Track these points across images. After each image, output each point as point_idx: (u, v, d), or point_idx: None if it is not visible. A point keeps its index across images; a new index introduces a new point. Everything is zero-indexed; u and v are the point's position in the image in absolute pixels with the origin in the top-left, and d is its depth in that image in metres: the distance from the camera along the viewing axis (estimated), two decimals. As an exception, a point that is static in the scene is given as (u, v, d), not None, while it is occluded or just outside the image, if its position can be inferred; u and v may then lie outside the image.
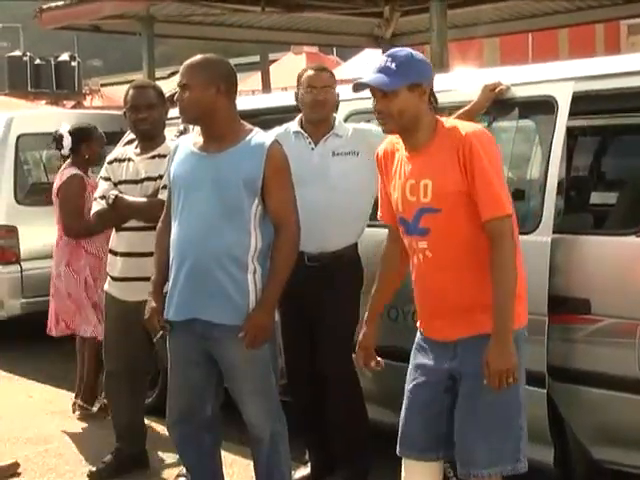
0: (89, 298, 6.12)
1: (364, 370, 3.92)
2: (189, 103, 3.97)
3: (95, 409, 6.17)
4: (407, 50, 3.54)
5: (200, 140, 4.08)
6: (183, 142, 4.20)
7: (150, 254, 4.33)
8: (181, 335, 4.07)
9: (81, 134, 6.25)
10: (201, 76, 3.96)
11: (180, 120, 4.64)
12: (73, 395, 6.37)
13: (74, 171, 6.08)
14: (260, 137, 4.03)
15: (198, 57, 4.05)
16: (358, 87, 3.59)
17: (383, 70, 3.49)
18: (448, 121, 3.59)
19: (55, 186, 6.15)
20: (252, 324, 3.90)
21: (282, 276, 3.99)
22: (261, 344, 3.93)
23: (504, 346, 3.36)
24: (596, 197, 6.19)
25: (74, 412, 6.21)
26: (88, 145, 6.20)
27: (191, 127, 5.19)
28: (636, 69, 4.11)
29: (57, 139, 6.29)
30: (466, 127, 3.49)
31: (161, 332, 4.18)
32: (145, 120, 4.90)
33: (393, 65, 3.47)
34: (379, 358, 3.88)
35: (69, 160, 6.25)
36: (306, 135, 4.75)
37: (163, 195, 4.68)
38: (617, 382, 3.97)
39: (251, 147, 3.98)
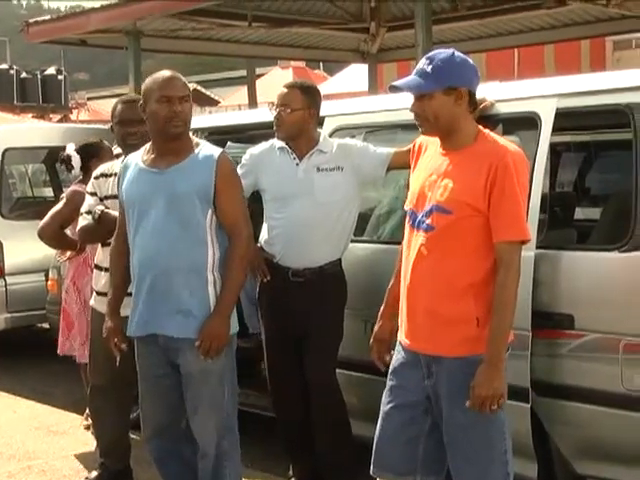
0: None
1: (378, 364, 3.88)
2: (187, 115, 4.08)
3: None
4: (447, 52, 3.50)
5: (149, 157, 4.14)
6: (131, 160, 4.24)
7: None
8: (146, 351, 4.12)
9: (89, 151, 6.10)
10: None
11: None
12: (78, 416, 6.30)
13: (80, 188, 5.93)
14: (208, 149, 4.11)
15: (173, 73, 4.14)
16: (393, 89, 3.58)
17: (419, 72, 3.49)
18: (491, 133, 3.57)
19: None
20: (206, 333, 3.92)
21: (236, 284, 4.02)
22: (216, 353, 3.94)
23: (495, 372, 3.35)
24: (579, 212, 6.21)
25: (88, 429, 6.07)
26: (98, 160, 5.88)
27: None
28: (619, 86, 4.12)
29: (65, 161, 6.15)
30: (506, 145, 3.47)
31: (119, 353, 4.23)
32: (133, 135, 4.89)
33: (429, 68, 3.46)
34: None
35: (80, 178, 6.05)
36: (291, 151, 4.76)
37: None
38: (601, 397, 3.98)
39: (200, 159, 4.05)
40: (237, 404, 4.21)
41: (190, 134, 4.18)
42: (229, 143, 5.86)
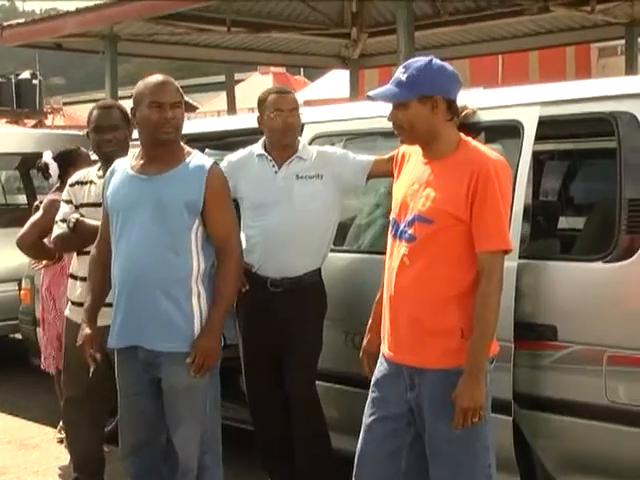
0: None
1: (370, 376, 3.85)
2: (179, 122, 4.06)
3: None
4: (424, 60, 3.51)
5: (138, 162, 4.11)
6: (119, 165, 4.21)
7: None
8: (126, 363, 4.08)
9: (67, 158, 6.02)
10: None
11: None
12: (51, 429, 6.27)
13: (57, 197, 5.89)
14: (200, 159, 4.08)
15: (165, 77, 4.11)
16: (369, 99, 3.61)
17: (395, 81, 3.50)
18: (473, 142, 3.58)
19: None
20: (200, 350, 3.91)
21: (227, 300, 4.03)
22: (208, 370, 3.95)
23: (475, 383, 3.36)
24: (563, 222, 6.24)
25: (61, 442, 6.05)
26: (76, 168, 5.72)
27: None
28: (603, 94, 4.14)
29: (42, 169, 6.08)
30: (488, 153, 3.49)
31: (94, 364, 4.19)
32: (109, 142, 4.88)
33: (404, 76, 3.47)
34: None
35: (57, 186, 5.99)
36: (270, 158, 4.76)
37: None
38: (584, 409, 3.99)
39: (191, 169, 4.03)
40: (220, 419, 4.19)
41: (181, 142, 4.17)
42: (207, 150, 5.86)
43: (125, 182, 4.11)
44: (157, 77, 4.09)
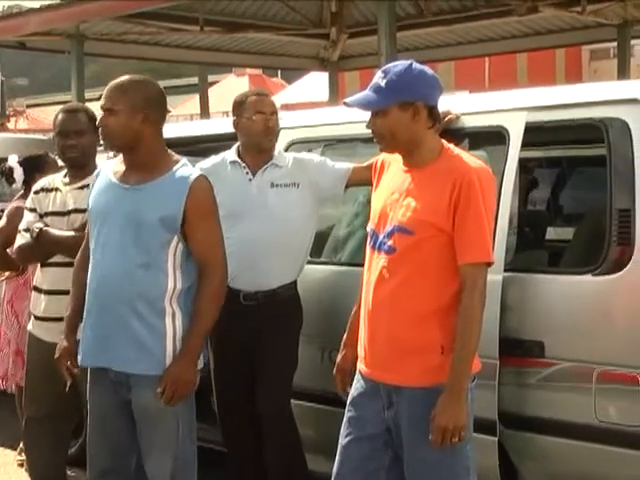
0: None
1: (342, 396, 3.86)
2: (113, 130, 3.92)
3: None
4: (404, 64, 3.51)
5: (122, 169, 4.03)
6: (105, 168, 4.14)
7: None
8: (97, 382, 4.03)
9: (33, 163, 5.98)
10: (127, 101, 3.90)
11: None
12: (11, 451, 6.23)
13: (22, 204, 5.87)
14: (184, 171, 3.95)
15: (124, 78, 3.99)
16: (346, 106, 3.61)
17: (373, 87, 3.51)
18: (455, 149, 3.59)
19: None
20: (171, 379, 3.82)
21: (205, 325, 3.93)
22: (180, 400, 3.86)
23: (456, 402, 3.37)
24: (550, 233, 6.26)
25: (22, 466, 5.97)
26: (42, 174, 5.67)
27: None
28: (593, 99, 4.17)
29: (6, 173, 6.04)
30: (471, 162, 3.50)
31: (70, 378, 4.16)
32: (74, 147, 4.86)
33: (383, 82, 3.47)
34: None
35: (21, 192, 5.96)
36: (244, 165, 4.76)
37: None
38: (573, 430, 4.00)
39: (173, 182, 3.91)
40: (196, 443, 4.12)
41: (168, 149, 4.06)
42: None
43: (106, 189, 4.03)
44: (120, 78, 4.01)
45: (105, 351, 3.94)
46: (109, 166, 4.13)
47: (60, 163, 5.50)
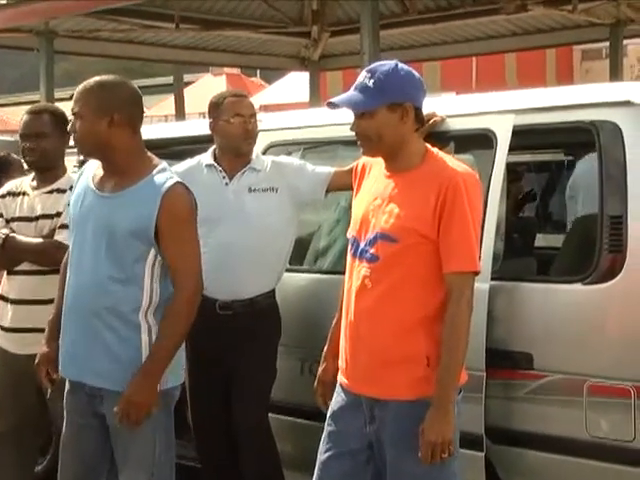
0: None
1: (324, 409, 3.85)
2: (80, 135, 3.88)
3: None
4: (390, 64, 3.52)
5: (100, 173, 3.97)
6: (88, 168, 4.07)
7: (44, 302, 4.29)
8: (73, 395, 4.00)
9: None
10: (94, 104, 3.84)
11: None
12: None
13: None
14: (160, 177, 3.86)
15: (92, 80, 3.93)
16: (331, 106, 3.60)
17: (359, 87, 3.50)
18: (440, 153, 3.59)
19: None
20: (126, 398, 3.76)
21: (171, 343, 3.84)
22: (137, 423, 3.79)
23: (443, 416, 3.37)
24: (539, 240, 6.29)
25: None
26: (7, 176, 5.78)
27: None
28: (583, 102, 4.18)
29: None
30: (456, 166, 3.50)
31: (50, 385, 4.13)
32: (32, 150, 4.82)
33: (370, 82, 3.47)
34: None
35: None
36: (220, 169, 4.76)
37: (60, 235, 4.64)
38: (563, 445, 4.00)
39: (147, 190, 3.83)
40: (174, 461, 4.08)
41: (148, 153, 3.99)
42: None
43: (84, 194, 3.97)
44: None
45: (80, 365, 3.91)
46: (92, 167, 4.05)
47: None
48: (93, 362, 3.87)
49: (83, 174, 4.07)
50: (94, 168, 4.03)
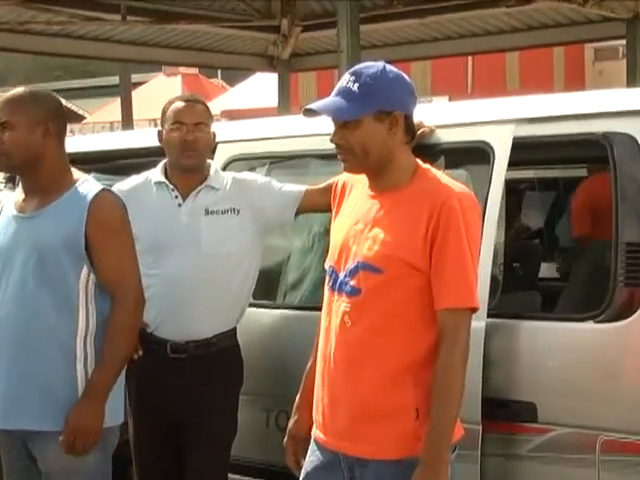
0: None
1: (294, 469, 3.84)
2: (10, 147, 4.03)
3: None
4: (377, 66, 3.51)
5: (21, 197, 4.16)
6: (8, 201, 4.24)
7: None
8: (6, 440, 4.12)
9: None
10: (28, 112, 4.05)
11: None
12: None
13: None
14: (85, 187, 4.08)
15: (21, 90, 4.14)
16: (308, 113, 3.58)
17: (342, 92, 3.49)
18: (432, 170, 3.59)
19: None
20: (71, 424, 3.90)
21: (115, 361, 4.02)
22: (83, 451, 3.92)
23: (434, 478, 3.35)
24: (544, 270, 6.30)
25: None
26: None
27: None
28: (595, 110, 4.19)
29: None
30: (451, 185, 3.49)
31: None
32: None
33: (355, 86, 3.47)
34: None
35: None
36: (172, 187, 4.74)
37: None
38: (572, 510, 4.02)
39: (72, 201, 4.04)
40: None
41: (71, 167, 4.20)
42: (92, 175, 5.82)
43: (7, 224, 4.15)
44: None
45: (9, 407, 4.02)
46: (11, 198, 4.23)
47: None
48: (26, 400, 3.98)
49: (5, 207, 4.23)
50: (13, 198, 4.21)
